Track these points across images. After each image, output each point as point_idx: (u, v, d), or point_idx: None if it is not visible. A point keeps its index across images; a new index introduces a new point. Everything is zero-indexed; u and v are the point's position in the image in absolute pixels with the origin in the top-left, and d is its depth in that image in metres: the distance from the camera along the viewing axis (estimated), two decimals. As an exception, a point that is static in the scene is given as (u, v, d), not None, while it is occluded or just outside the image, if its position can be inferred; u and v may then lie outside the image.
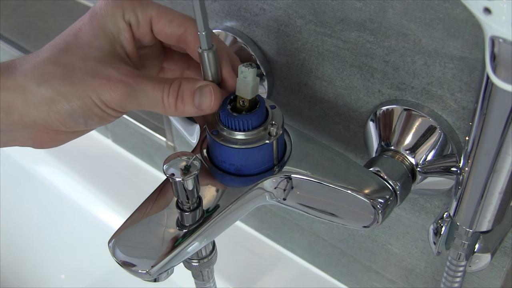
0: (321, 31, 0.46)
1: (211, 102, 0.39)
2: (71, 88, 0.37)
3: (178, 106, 0.38)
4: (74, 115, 0.37)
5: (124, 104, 0.37)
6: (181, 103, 0.38)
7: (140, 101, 0.38)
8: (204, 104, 0.39)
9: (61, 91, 0.37)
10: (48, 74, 0.37)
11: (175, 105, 0.38)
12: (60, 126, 0.38)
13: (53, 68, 0.37)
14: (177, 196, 0.38)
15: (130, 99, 0.37)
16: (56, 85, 0.37)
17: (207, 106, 0.39)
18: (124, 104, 0.37)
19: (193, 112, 0.39)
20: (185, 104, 0.39)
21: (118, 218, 0.79)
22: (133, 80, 0.37)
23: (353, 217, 0.42)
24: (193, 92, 0.39)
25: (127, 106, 0.38)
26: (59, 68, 0.37)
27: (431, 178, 0.46)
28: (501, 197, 0.37)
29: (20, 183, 0.94)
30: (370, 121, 0.47)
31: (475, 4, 0.26)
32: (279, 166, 0.42)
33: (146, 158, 0.86)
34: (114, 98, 0.37)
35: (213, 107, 0.39)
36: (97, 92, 0.37)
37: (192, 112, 0.39)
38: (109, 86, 0.37)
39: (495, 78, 0.28)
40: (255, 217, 0.72)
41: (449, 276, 0.45)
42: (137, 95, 0.37)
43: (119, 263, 0.39)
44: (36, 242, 0.92)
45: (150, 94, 0.38)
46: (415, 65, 0.42)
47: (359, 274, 0.64)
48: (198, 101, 0.39)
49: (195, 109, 0.39)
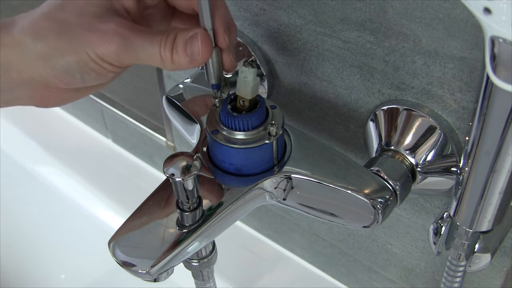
0: (321, 31, 0.46)
1: (199, 49, 0.37)
2: (66, 43, 0.36)
3: (174, 58, 0.37)
4: (70, 70, 0.37)
5: (121, 57, 0.37)
6: (176, 55, 0.37)
7: (137, 55, 0.37)
8: (195, 53, 0.37)
9: (56, 46, 0.36)
10: (44, 29, 0.36)
11: (171, 58, 0.37)
12: (58, 82, 0.38)
13: (48, 23, 0.37)
14: (177, 196, 0.38)
15: (127, 52, 0.36)
16: (51, 40, 0.36)
17: (197, 54, 0.37)
18: (121, 58, 0.37)
19: (187, 63, 0.38)
20: (180, 56, 0.37)
21: (118, 218, 0.79)
22: (130, 33, 0.36)
23: (353, 217, 0.42)
24: (185, 42, 0.37)
25: (124, 59, 0.37)
26: (55, 23, 0.37)
27: (431, 178, 0.46)
28: (501, 197, 0.37)
29: (20, 183, 0.94)
30: (370, 121, 0.47)
31: (475, 4, 0.26)
32: (279, 166, 0.42)
33: (146, 158, 0.86)
34: (110, 52, 0.36)
35: (202, 55, 0.37)
36: (93, 46, 0.36)
37: (187, 62, 0.38)
38: (105, 39, 0.36)
39: (495, 78, 0.28)
40: (255, 217, 0.72)
41: (449, 276, 0.45)
42: (134, 48, 0.37)
43: (119, 263, 0.39)
44: (36, 242, 0.92)
45: (148, 47, 0.37)
46: (415, 65, 0.42)
47: (359, 274, 0.64)
48: (190, 51, 0.37)
49: (188, 60, 0.37)
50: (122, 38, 0.36)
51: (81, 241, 0.87)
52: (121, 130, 0.86)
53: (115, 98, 0.82)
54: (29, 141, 0.93)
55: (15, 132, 0.95)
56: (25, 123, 0.95)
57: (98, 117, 0.88)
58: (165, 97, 0.50)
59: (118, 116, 0.81)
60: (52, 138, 0.93)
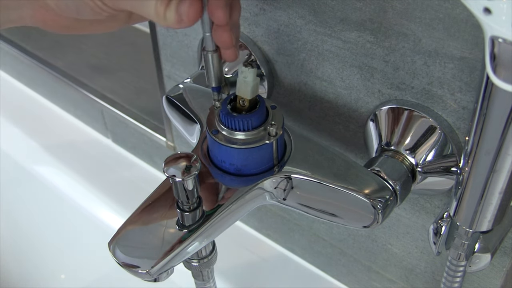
0: (321, 31, 0.46)
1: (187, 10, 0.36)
2: None
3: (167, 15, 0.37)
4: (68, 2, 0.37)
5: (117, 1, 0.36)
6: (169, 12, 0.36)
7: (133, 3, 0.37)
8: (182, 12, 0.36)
9: None
10: None
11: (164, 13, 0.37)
12: (53, 7, 0.38)
13: None
14: (177, 196, 0.38)
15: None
16: None
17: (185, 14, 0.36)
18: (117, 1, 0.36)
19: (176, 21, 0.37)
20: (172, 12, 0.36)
21: (118, 218, 0.79)
22: None
23: (353, 217, 0.42)
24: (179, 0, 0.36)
25: (119, 3, 0.37)
26: None
27: (431, 178, 0.46)
28: (501, 197, 0.37)
29: (20, 183, 0.94)
30: (370, 121, 0.47)
31: (475, 4, 0.26)
32: (279, 166, 0.42)
33: (146, 158, 0.86)
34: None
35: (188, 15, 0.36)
36: None
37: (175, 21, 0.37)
38: None
39: (495, 78, 0.28)
40: (255, 217, 0.72)
41: (449, 276, 0.45)
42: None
43: (119, 263, 0.39)
44: (36, 242, 0.92)
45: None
46: (415, 65, 0.42)
47: (359, 274, 0.64)
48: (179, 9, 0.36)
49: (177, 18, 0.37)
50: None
51: (81, 241, 0.87)
52: (121, 130, 0.86)
53: (115, 98, 0.82)
54: (29, 141, 0.93)
55: (15, 132, 0.95)
56: (25, 123, 0.95)
57: (98, 117, 0.88)
58: (165, 97, 0.50)
59: (118, 116, 0.81)
60: (52, 138, 0.93)
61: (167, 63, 0.64)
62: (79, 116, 0.94)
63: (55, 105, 0.97)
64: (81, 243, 0.87)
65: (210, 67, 0.40)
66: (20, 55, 0.93)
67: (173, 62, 0.63)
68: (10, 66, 1.01)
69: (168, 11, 0.37)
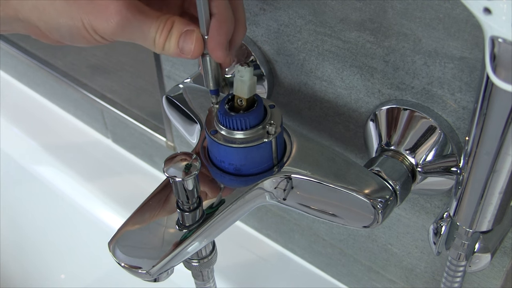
0: (321, 31, 0.46)
1: (191, 48, 0.38)
2: (65, 6, 0.36)
3: (165, 46, 0.38)
4: (62, 31, 0.37)
5: (115, 35, 0.37)
6: (168, 44, 0.38)
7: (132, 36, 0.37)
8: (185, 49, 0.38)
9: (55, 4, 0.36)
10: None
11: (163, 44, 0.38)
12: (47, 33, 0.38)
13: None
14: (177, 196, 0.38)
15: (122, 32, 0.37)
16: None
17: (188, 51, 0.38)
18: (115, 36, 0.37)
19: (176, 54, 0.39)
20: (171, 45, 0.38)
21: (118, 218, 0.79)
22: (132, 15, 0.36)
23: (353, 217, 0.42)
24: (179, 35, 0.38)
25: (117, 37, 0.37)
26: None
27: (431, 178, 0.46)
28: (501, 197, 0.37)
29: (20, 183, 0.94)
30: (370, 121, 0.47)
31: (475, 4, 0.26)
32: (279, 166, 0.42)
33: (146, 158, 0.86)
34: (106, 28, 0.36)
35: (193, 53, 0.38)
36: (90, 18, 0.36)
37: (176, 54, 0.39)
38: (104, 15, 0.36)
39: (495, 78, 0.28)
40: (255, 217, 0.72)
41: (449, 276, 0.45)
42: (131, 30, 0.37)
43: (119, 263, 0.39)
44: (36, 242, 0.92)
45: (145, 31, 0.37)
46: (415, 65, 0.42)
47: (359, 274, 0.64)
48: (181, 44, 0.38)
49: (178, 52, 0.38)
50: (121, 17, 0.36)
51: (81, 241, 0.87)
52: (121, 130, 0.86)
53: (115, 98, 0.82)
54: (29, 141, 0.93)
55: (15, 132, 0.95)
56: (25, 123, 0.95)
57: (98, 117, 0.88)
58: (165, 97, 0.50)
59: (118, 116, 0.81)
60: (52, 138, 0.93)
61: (167, 63, 0.64)
62: (79, 116, 0.94)
63: (55, 105, 0.97)
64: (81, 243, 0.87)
65: (207, 70, 0.40)
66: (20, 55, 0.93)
67: (173, 62, 0.63)
68: (10, 66, 1.01)
69: (167, 43, 0.38)
